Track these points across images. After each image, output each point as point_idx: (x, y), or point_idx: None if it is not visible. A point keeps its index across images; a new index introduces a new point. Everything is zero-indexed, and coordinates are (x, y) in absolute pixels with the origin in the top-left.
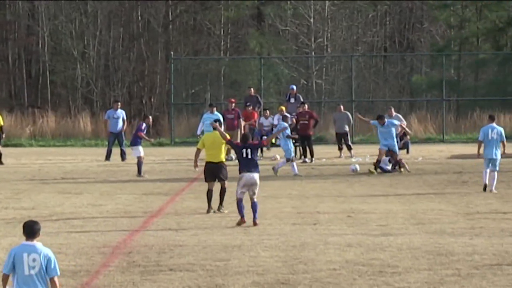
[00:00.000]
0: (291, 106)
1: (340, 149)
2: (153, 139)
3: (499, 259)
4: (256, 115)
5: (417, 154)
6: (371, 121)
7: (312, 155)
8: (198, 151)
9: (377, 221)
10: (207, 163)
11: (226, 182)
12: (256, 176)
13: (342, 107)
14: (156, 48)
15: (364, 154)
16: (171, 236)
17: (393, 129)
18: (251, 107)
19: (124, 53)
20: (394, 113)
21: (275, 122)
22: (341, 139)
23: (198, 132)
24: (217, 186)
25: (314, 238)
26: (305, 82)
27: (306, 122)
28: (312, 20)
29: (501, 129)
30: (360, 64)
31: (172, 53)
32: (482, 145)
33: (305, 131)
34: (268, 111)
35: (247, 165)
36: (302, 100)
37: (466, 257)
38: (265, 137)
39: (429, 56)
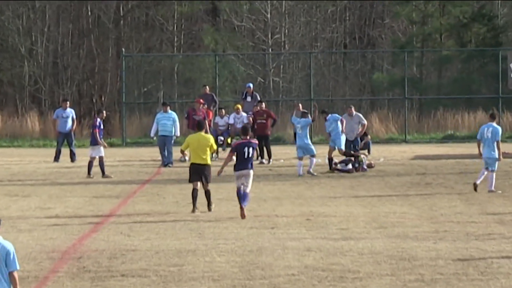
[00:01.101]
0: (248, 105)
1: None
2: (106, 146)
3: (464, 264)
4: (211, 114)
5: (378, 154)
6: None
7: (269, 156)
8: (182, 152)
9: (338, 225)
10: (193, 164)
11: (209, 184)
12: (250, 171)
13: (300, 105)
14: (107, 45)
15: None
16: (122, 240)
17: (337, 125)
18: (206, 106)
19: (73, 50)
20: (354, 112)
21: (231, 121)
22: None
23: (152, 134)
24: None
25: (272, 243)
26: (262, 80)
27: (264, 121)
28: (269, 15)
29: (498, 128)
30: (319, 61)
31: (123, 49)
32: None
33: (263, 130)
34: (223, 110)
35: (245, 163)
36: (259, 98)
37: (429, 262)
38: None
39: (390, 53)
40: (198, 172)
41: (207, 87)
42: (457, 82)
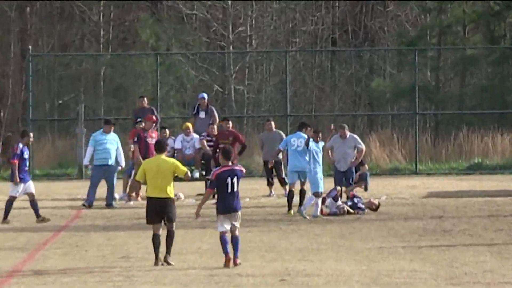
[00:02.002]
0: (201, 123)
1: (270, 184)
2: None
3: None
4: None
5: (379, 191)
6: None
7: None
8: (137, 184)
9: (323, 287)
10: (150, 199)
11: (174, 224)
12: (238, 213)
13: (273, 123)
14: (8, 40)
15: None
16: None
17: (300, 142)
18: (143, 124)
19: None
20: (348, 133)
21: (177, 145)
22: (271, 170)
23: (86, 162)
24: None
25: None
26: (220, 89)
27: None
28: (229, 1)
29: None
30: (298, 63)
31: (30, 47)
32: None
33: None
34: (167, 130)
35: (230, 201)
36: (215, 113)
37: None
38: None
39: (395, 52)
40: (158, 210)
41: (145, 98)
42: (487, 91)
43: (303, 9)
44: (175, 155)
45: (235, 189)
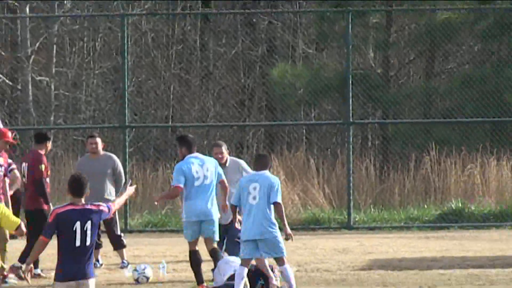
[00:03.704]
0: None
1: None
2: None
3: None
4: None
5: (287, 258)
6: None
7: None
8: None
9: None
10: None
11: None
12: (90, 283)
13: (99, 141)
14: None
15: None
16: None
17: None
18: None
19: None
20: (227, 157)
21: None
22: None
23: None
24: None
25: None
26: (9, 82)
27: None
28: None
29: None
30: (143, 36)
31: None
32: None
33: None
34: None
35: (76, 262)
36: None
37: None
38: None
39: (314, 16)
40: None
41: None
42: (472, 85)
43: None
44: None
45: (88, 243)
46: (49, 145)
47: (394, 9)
